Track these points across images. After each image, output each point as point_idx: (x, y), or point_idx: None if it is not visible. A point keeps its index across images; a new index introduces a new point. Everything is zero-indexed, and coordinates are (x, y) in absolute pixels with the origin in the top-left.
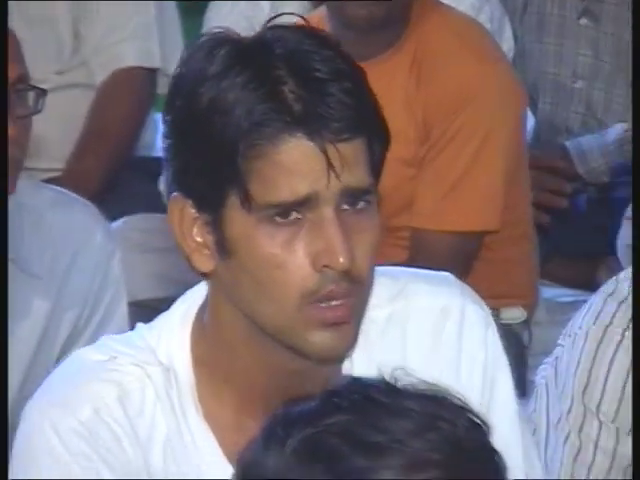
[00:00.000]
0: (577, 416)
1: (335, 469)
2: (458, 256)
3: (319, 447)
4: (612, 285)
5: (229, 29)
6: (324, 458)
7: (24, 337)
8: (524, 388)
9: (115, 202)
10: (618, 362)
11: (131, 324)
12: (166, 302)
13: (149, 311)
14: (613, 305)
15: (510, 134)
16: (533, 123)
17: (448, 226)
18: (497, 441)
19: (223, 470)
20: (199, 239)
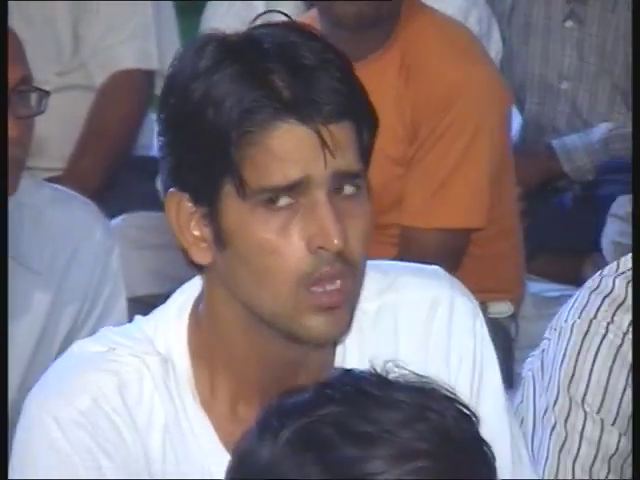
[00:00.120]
0: (563, 407)
1: (327, 458)
2: (446, 252)
3: (312, 437)
4: (597, 280)
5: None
6: (316, 448)
7: (24, 332)
8: (511, 380)
9: (114, 200)
10: (602, 355)
11: (128, 319)
12: (162, 298)
13: (145, 307)
14: (598, 299)
15: (496, 132)
16: (520, 122)
17: (436, 223)
18: (485, 429)
19: (220, 457)
20: (196, 233)
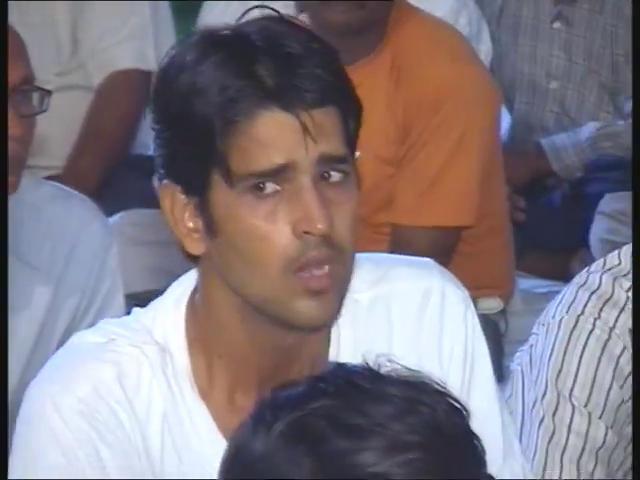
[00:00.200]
0: (551, 401)
1: (319, 450)
2: (437, 250)
3: (304, 430)
4: (584, 276)
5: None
6: (308, 440)
7: (24, 327)
8: (501, 374)
9: (111, 198)
10: (589, 350)
11: (126, 315)
12: (157, 294)
13: (142, 303)
14: (585, 295)
15: (485, 132)
16: (509, 122)
17: (427, 221)
18: (477, 415)
19: (218, 445)
20: (190, 224)
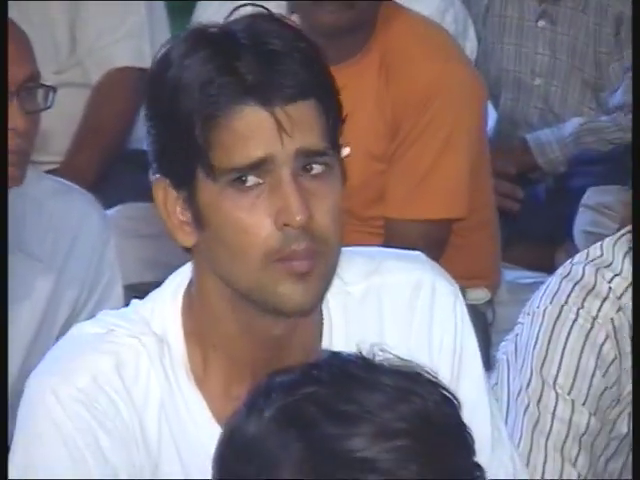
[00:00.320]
0: (536, 388)
1: (309, 435)
2: (429, 243)
3: (295, 414)
4: (567, 268)
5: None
6: (299, 425)
7: (26, 317)
8: (488, 363)
9: (108, 192)
10: (573, 339)
11: (124, 306)
12: (154, 286)
13: (138, 294)
14: (568, 286)
15: (473, 127)
16: (495, 117)
17: (419, 215)
18: (466, 405)
19: (213, 432)
20: (181, 217)
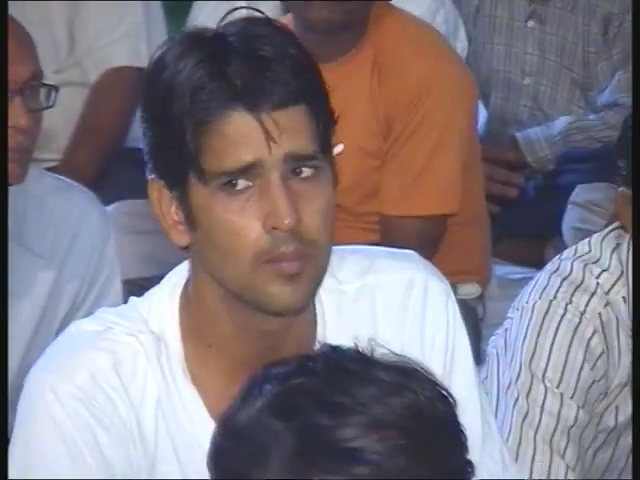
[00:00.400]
0: (525, 382)
1: (299, 424)
2: (424, 239)
3: (287, 404)
4: (556, 263)
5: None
6: (290, 414)
7: (27, 312)
8: (479, 357)
9: (106, 189)
10: (561, 333)
11: (122, 302)
12: (150, 281)
13: (136, 289)
14: (557, 281)
15: (464, 124)
16: (486, 116)
17: (413, 211)
18: (457, 399)
19: (209, 430)
20: (175, 217)
